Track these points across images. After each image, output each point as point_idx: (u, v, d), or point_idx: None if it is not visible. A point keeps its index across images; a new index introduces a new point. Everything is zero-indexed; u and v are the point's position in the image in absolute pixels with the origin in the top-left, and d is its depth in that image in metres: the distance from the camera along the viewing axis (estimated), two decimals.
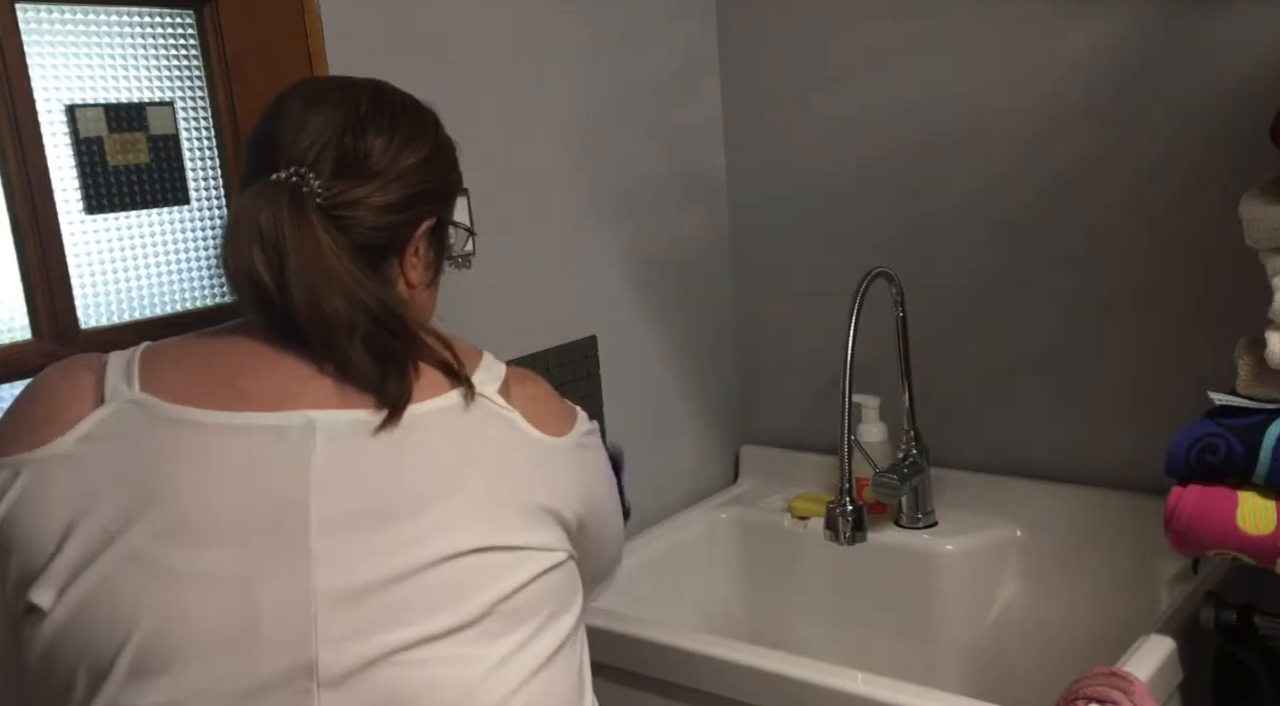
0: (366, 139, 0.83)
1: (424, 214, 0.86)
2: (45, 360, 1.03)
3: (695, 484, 1.72)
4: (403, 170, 0.84)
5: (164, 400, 0.76)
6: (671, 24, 1.63)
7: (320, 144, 0.82)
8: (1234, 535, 1.04)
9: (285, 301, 0.77)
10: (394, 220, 0.83)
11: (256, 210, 0.78)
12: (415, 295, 0.89)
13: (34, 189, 1.01)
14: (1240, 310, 1.15)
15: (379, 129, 0.84)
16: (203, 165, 1.15)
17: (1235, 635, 1.13)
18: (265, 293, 0.78)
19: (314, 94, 0.86)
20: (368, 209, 0.81)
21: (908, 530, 1.50)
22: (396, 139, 0.84)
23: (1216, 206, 1.28)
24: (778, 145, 1.66)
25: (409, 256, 0.87)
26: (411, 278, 0.87)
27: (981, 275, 1.51)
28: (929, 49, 1.50)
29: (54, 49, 1.04)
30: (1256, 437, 1.04)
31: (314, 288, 0.77)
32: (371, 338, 0.79)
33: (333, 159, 0.81)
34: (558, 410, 0.88)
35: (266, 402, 0.76)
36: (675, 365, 1.68)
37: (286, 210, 0.78)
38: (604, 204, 1.53)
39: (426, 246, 0.88)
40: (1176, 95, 1.33)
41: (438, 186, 0.88)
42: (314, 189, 0.80)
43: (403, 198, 0.83)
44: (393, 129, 0.84)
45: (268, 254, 0.77)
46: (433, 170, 0.87)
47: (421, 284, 0.89)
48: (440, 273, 0.93)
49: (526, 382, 0.88)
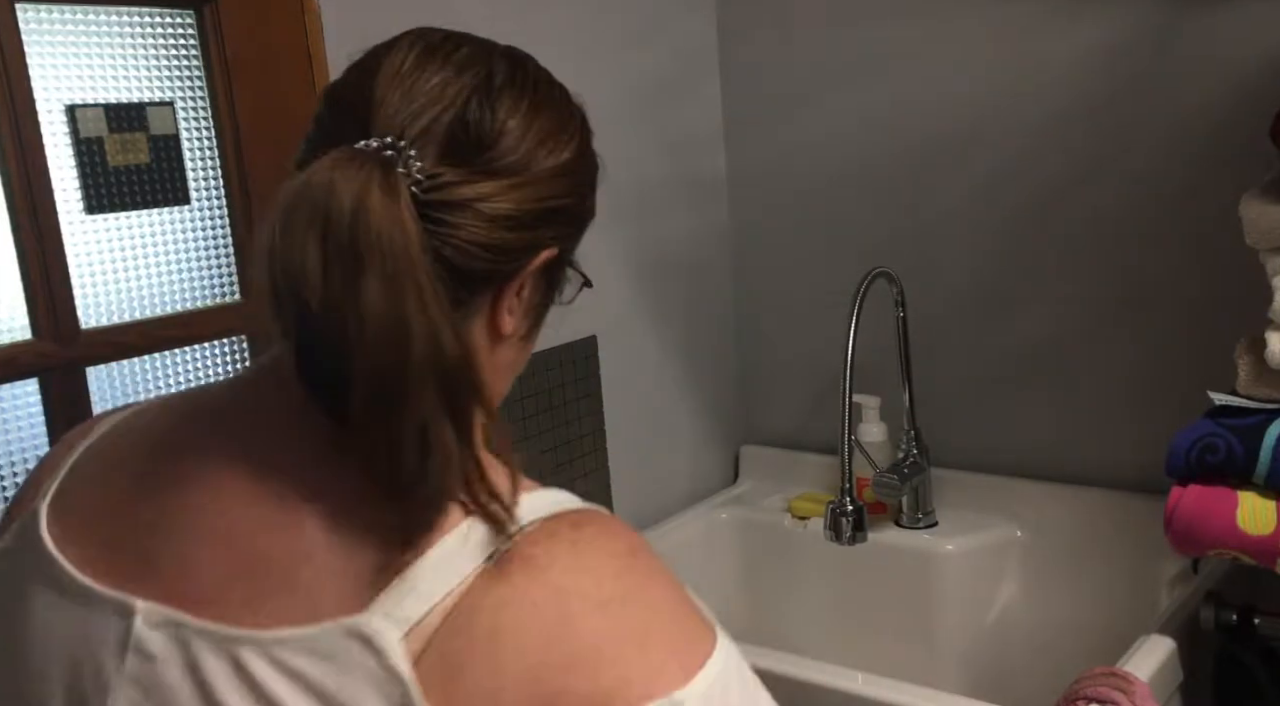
0: (498, 118, 0.59)
1: (547, 239, 0.62)
2: (45, 360, 1.03)
3: (695, 484, 1.72)
4: (538, 173, 0.60)
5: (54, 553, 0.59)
6: (671, 24, 1.63)
7: (433, 113, 0.58)
8: (1234, 535, 1.04)
9: (341, 334, 0.52)
10: (508, 239, 0.59)
11: (327, 187, 0.52)
12: (499, 353, 0.64)
13: (34, 189, 1.01)
14: (1240, 310, 1.15)
15: (515, 108, 0.60)
16: (203, 165, 1.15)
17: (1235, 635, 1.13)
18: (310, 313, 0.52)
19: (431, 47, 0.62)
20: (479, 217, 0.57)
21: (908, 530, 1.50)
22: (536, 128, 0.61)
23: (1216, 206, 1.27)
24: (778, 145, 1.66)
25: (509, 296, 0.62)
26: (505, 325, 0.62)
27: (982, 275, 1.51)
28: (929, 49, 1.50)
29: (54, 49, 1.04)
30: (1256, 438, 1.04)
31: (399, 320, 0.51)
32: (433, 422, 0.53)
33: (445, 135, 0.58)
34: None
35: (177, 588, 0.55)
36: (675, 365, 1.68)
37: (377, 193, 0.52)
38: (604, 204, 1.53)
39: (534, 286, 0.64)
40: (1176, 95, 1.33)
41: (574, 207, 0.64)
42: (411, 171, 0.56)
43: (529, 211, 0.59)
44: (533, 114, 0.61)
45: (330, 252, 0.51)
46: (573, 182, 0.63)
47: (515, 337, 0.64)
48: (539, 326, 0.68)
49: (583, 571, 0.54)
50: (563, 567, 0.54)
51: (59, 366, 1.04)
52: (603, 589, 0.53)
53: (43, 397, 1.04)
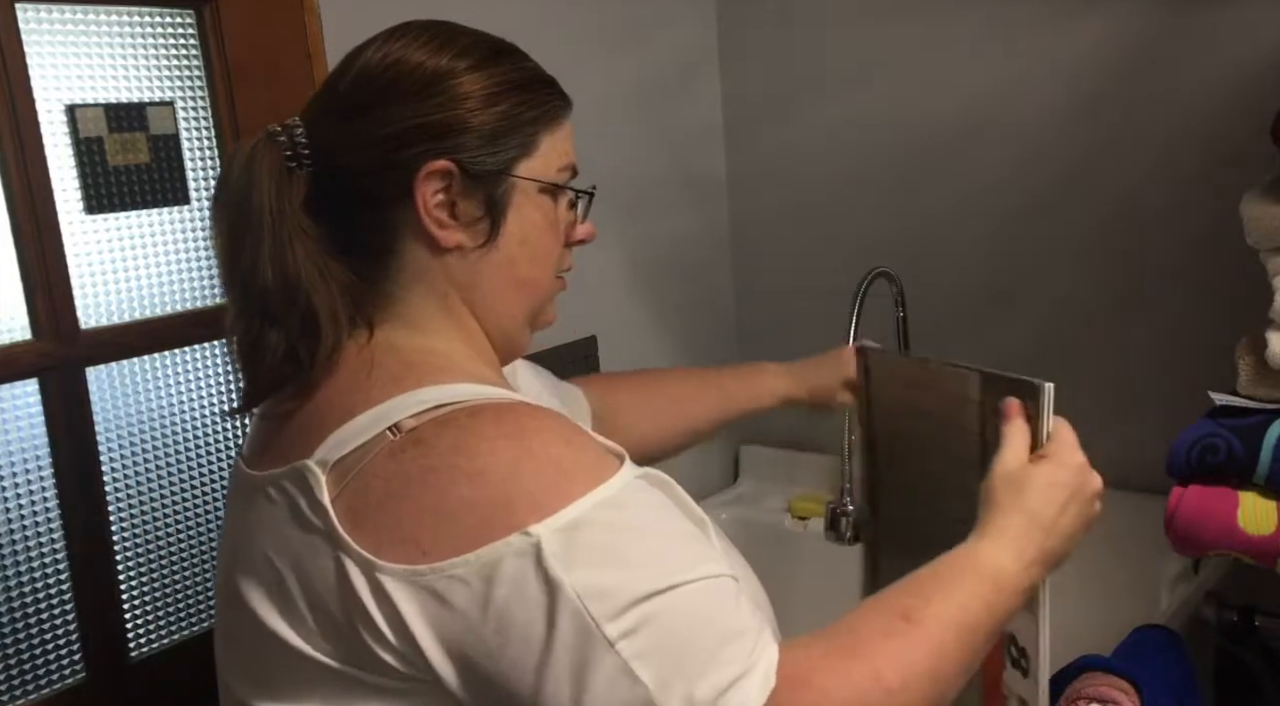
0: (345, 79, 0.80)
1: (419, 155, 0.76)
2: (45, 360, 1.03)
3: (695, 484, 1.72)
4: (374, 111, 0.78)
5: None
6: (671, 24, 1.63)
7: (320, 92, 0.82)
8: (1235, 535, 1.04)
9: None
10: (361, 161, 0.78)
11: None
12: (469, 265, 0.79)
13: (34, 189, 1.01)
14: (1240, 310, 1.15)
15: (364, 69, 0.79)
16: (203, 165, 1.15)
17: (1236, 635, 1.13)
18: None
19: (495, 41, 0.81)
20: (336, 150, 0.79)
21: None
22: (373, 77, 0.79)
23: (1216, 206, 1.27)
24: (778, 145, 1.66)
25: (423, 211, 0.77)
26: (442, 239, 0.77)
27: (982, 275, 1.51)
28: (929, 49, 1.50)
29: (54, 49, 1.04)
30: (1257, 438, 1.03)
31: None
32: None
33: (315, 101, 0.82)
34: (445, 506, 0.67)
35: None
36: (675, 365, 1.68)
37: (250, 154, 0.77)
38: (604, 204, 1.53)
39: (459, 197, 0.77)
40: (1176, 95, 1.33)
41: (438, 123, 0.77)
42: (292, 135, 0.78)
43: (376, 138, 0.77)
44: (375, 69, 0.79)
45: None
46: (425, 105, 0.77)
47: (473, 248, 0.78)
48: (505, 237, 0.79)
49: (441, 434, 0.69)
50: (445, 448, 0.67)
51: (59, 366, 1.04)
52: (474, 463, 0.66)
53: (43, 398, 1.04)
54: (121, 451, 1.11)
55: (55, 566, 1.07)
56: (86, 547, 1.08)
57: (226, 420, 1.19)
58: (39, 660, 1.07)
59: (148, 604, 1.14)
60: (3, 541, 1.04)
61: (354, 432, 0.69)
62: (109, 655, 1.10)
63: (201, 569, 1.18)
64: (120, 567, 1.11)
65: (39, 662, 1.07)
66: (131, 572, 1.13)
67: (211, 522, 1.18)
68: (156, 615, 1.15)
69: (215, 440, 1.19)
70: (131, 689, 1.11)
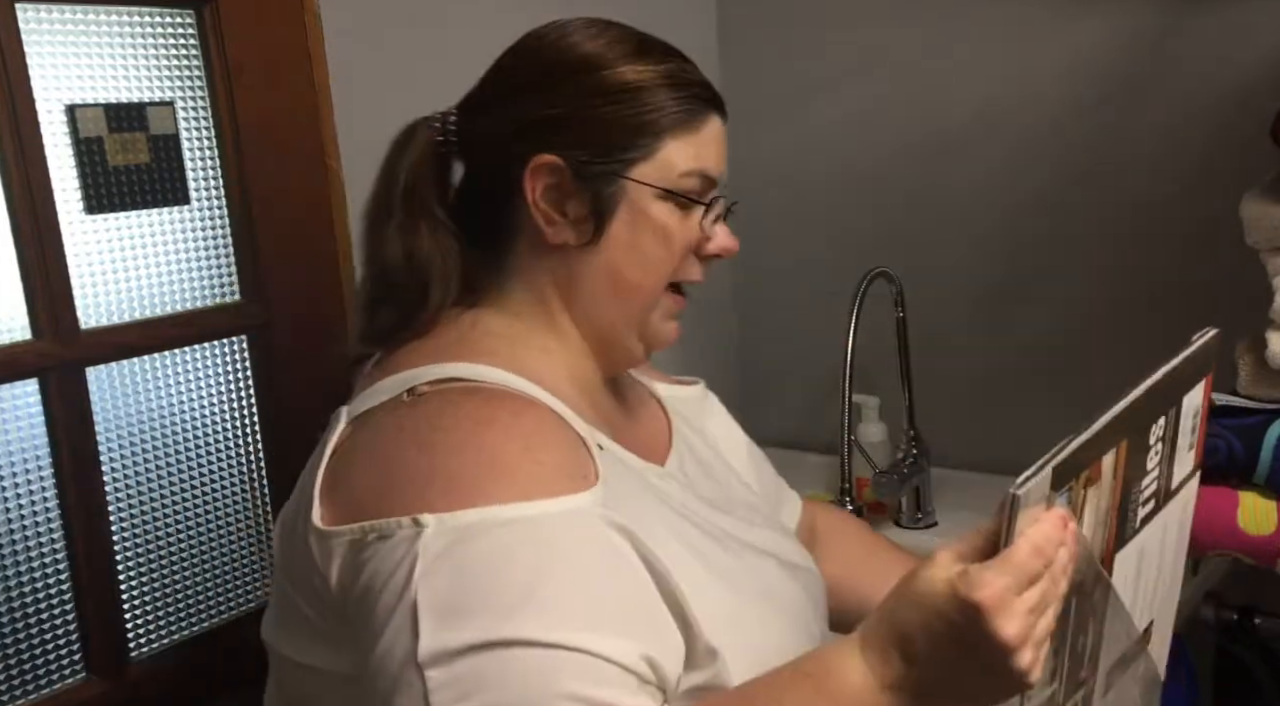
0: (484, 78, 0.85)
1: (528, 150, 0.78)
2: (45, 360, 1.03)
3: None
4: (498, 105, 0.82)
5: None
6: (671, 24, 1.62)
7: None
8: (1235, 536, 1.04)
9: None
10: (487, 157, 0.84)
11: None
12: (577, 264, 0.79)
13: (34, 189, 1.01)
14: (1240, 310, 1.15)
15: (493, 71, 0.85)
16: (203, 165, 1.15)
17: (1236, 635, 1.13)
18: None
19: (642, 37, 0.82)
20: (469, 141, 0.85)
21: (908, 530, 1.50)
22: (498, 76, 0.84)
23: (1216, 206, 1.27)
24: (777, 145, 1.66)
25: (534, 208, 0.79)
26: (549, 235, 0.78)
27: (981, 275, 1.51)
28: (929, 49, 1.50)
29: (54, 49, 1.04)
30: (1257, 438, 1.04)
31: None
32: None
33: (466, 97, 0.86)
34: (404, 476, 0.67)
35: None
36: (675, 365, 1.68)
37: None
38: None
39: (569, 196, 0.78)
40: (1176, 96, 1.33)
41: (554, 118, 0.78)
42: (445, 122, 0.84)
43: (495, 132, 0.82)
44: (498, 68, 0.85)
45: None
46: (536, 102, 0.80)
47: (578, 245, 0.78)
48: (614, 236, 0.78)
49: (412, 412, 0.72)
50: (421, 413, 0.70)
51: (59, 366, 1.04)
52: (433, 435, 0.68)
53: (43, 397, 1.04)
54: (121, 451, 1.11)
55: (55, 566, 1.07)
56: (86, 547, 1.08)
57: (227, 420, 1.19)
58: (39, 660, 1.07)
59: (148, 604, 1.14)
60: (3, 541, 1.03)
61: (383, 390, 0.73)
62: (109, 655, 1.10)
63: (202, 569, 1.18)
64: (120, 567, 1.11)
65: (39, 662, 1.07)
66: (131, 572, 1.13)
67: (212, 522, 1.18)
68: (156, 615, 1.15)
69: (215, 440, 1.19)
70: (131, 689, 1.11)
